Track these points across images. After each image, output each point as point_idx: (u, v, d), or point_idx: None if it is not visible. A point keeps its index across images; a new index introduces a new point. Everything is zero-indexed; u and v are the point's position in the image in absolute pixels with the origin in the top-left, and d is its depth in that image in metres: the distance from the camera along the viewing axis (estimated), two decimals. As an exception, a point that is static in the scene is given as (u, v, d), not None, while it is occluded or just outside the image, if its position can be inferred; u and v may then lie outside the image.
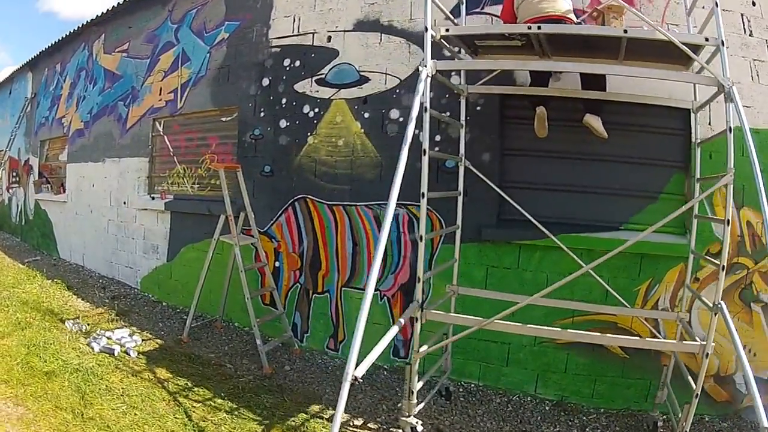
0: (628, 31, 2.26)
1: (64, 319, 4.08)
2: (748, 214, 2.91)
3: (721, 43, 2.14)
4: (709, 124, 2.91)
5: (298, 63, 3.87)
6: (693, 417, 2.28)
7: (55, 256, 7.04)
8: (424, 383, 2.60)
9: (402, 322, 2.16)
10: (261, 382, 3.15)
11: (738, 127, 2.07)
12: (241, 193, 3.73)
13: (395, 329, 2.11)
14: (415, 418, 2.41)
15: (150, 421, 2.53)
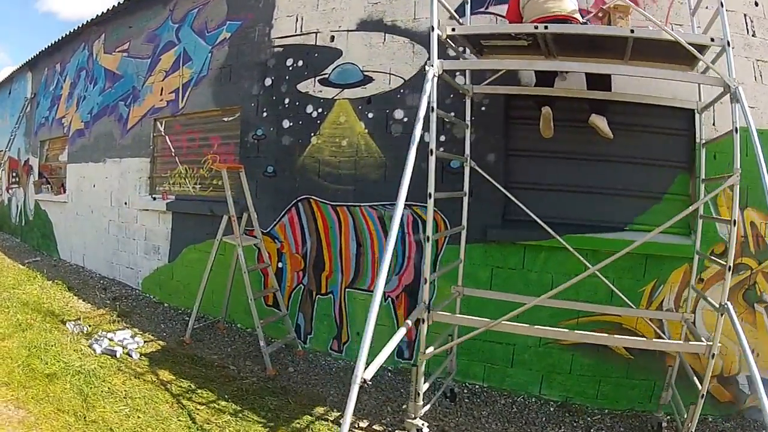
0: (635, 31, 2.25)
1: (65, 320, 4.06)
2: (751, 215, 2.91)
3: (727, 43, 2.14)
4: (713, 124, 2.91)
5: (301, 63, 3.85)
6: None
7: (55, 257, 7.01)
8: (428, 385, 2.59)
9: (409, 323, 2.15)
10: (265, 384, 3.13)
11: (744, 128, 2.07)
12: (243, 194, 3.71)
13: (403, 331, 2.09)
14: (421, 419, 2.40)
15: (153, 424, 2.51)
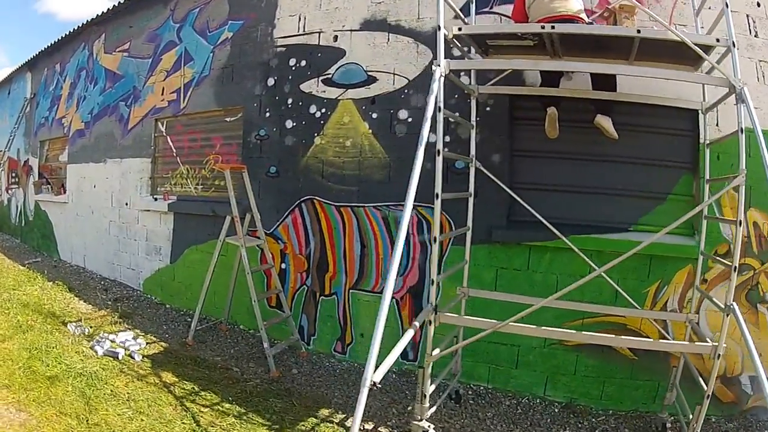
0: (642, 31, 2.25)
1: (66, 321, 4.03)
2: (754, 215, 2.91)
3: (732, 44, 2.14)
4: (716, 125, 2.91)
5: (304, 63, 3.83)
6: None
7: (55, 258, 6.99)
8: (434, 386, 2.57)
9: (417, 325, 2.14)
10: (269, 386, 3.11)
11: (749, 129, 2.06)
12: (246, 194, 3.69)
13: (411, 333, 2.08)
14: (427, 421, 2.39)
15: (157, 427, 2.49)
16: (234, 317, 4.16)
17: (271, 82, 4.01)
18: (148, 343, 3.73)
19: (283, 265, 3.92)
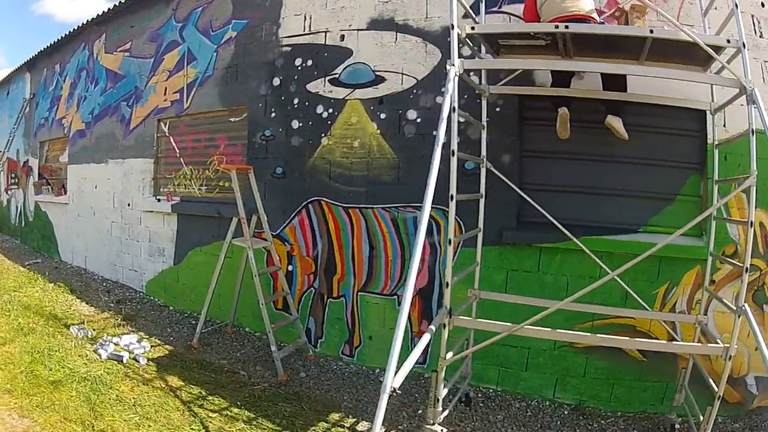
0: (654, 32, 2.23)
1: (69, 324, 3.99)
2: (760, 216, 2.91)
3: (743, 45, 2.13)
4: (724, 125, 2.90)
5: (310, 62, 3.80)
6: (701, 418, 2.28)
7: (56, 259, 6.93)
8: (447, 390, 2.55)
9: (433, 329, 2.11)
10: (277, 390, 3.08)
11: (761, 130, 2.05)
12: (252, 196, 3.65)
13: (427, 337, 2.05)
14: (440, 425, 2.36)
15: (166, 433, 2.46)
16: (239, 320, 4.12)
17: (276, 81, 3.97)
18: (152, 346, 3.68)
19: (290, 267, 3.89)
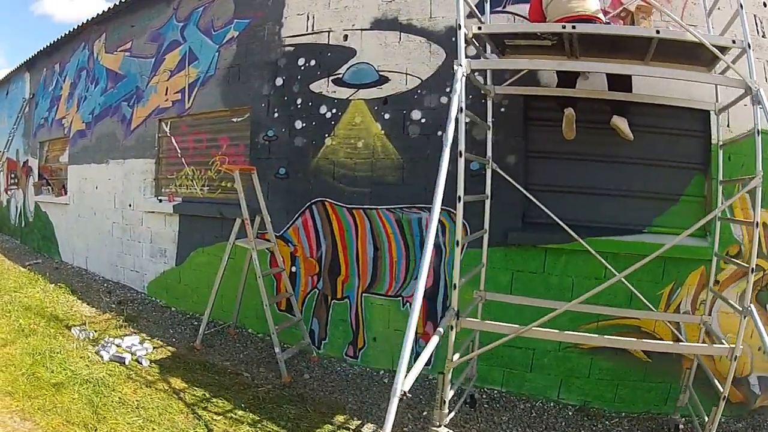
0: (661, 32, 2.23)
1: (70, 325, 3.97)
2: (764, 216, 2.89)
3: (748, 45, 2.13)
4: (728, 125, 2.89)
5: (313, 62, 3.77)
6: (707, 419, 2.28)
7: (56, 259, 6.90)
8: (453, 392, 2.54)
9: (441, 331, 2.09)
10: (281, 392, 3.06)
11: (766, 131, 2.05)
12: (255, 196, 3.63)
13: (436, 339, 2.04)
14: (446, 427, 2.35)
15: (170, 436, 2.44)
16: (242, 321, 4.09)
17: (279, 81, 3.95)
18: (155, 347, 3.66)
19: (293, 268, 3.87)
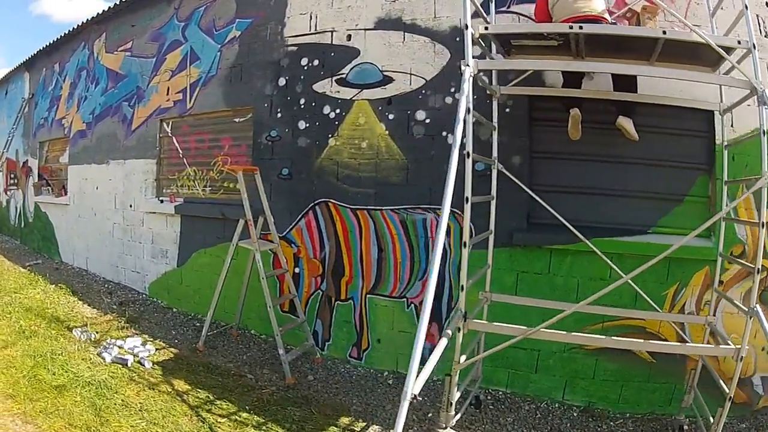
0: (667, 33, 2.22)
1: (71, 326, 3.95)
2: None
3: (753, 46, 2.12)
4: (731, 126, 2.88)
5: (316, 62, 3.76)
6: (712, 420, 2.27)
7: (57, 260, 6.87)
8: (459, 394, 2.52)
9: (450, 333, 2.08)
10: (285, 394, 3.04)
11: None
12: (258, 197, 3.61)
13: (444, 342, 2.03)
14: (452, 429, 2.34)
15: (175, 439, 2.43)
16: (244, 322, 4.08)
17: (282, 81, 3.93)
18: (157, 349, 3.64)
19: (296, 269, 3.85)
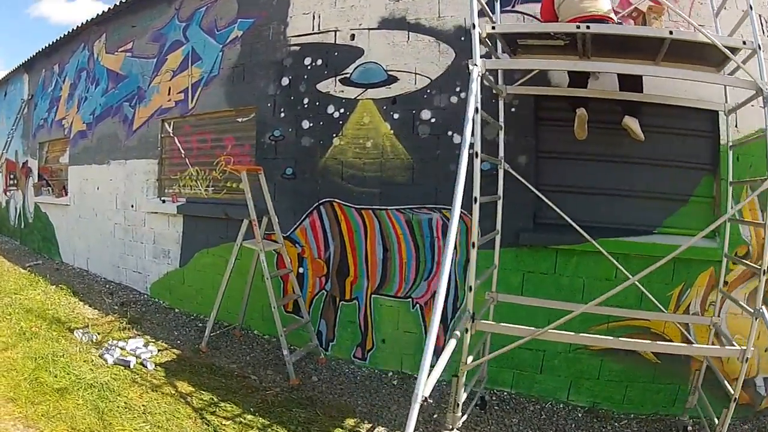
0: (674, 33, 2.22)
1: (73, 328, 3.92)
2: (774, 217, 2.89)
3: (758, 46, 2.12)
4: (735, 126, 2.88)
5: (320, 62, 3.74)
6: (716, 421, 2.26)
7: (57, 260, 6.84)
8: (466, 395, 2.51)
9: (458, 334, 2.07)
10: (290, 395, 3.02)
11: None
12: (262, 197, 3.59)
13: (453, 343, 2.01)
14: (458, 431, 2.32)
15: (179, 442, 2.41)
16: (247, 322, 4.05)
17: (285, 81, 3.91)
18: (159, 350, 3.62)
19: (300, 270, 3.83)
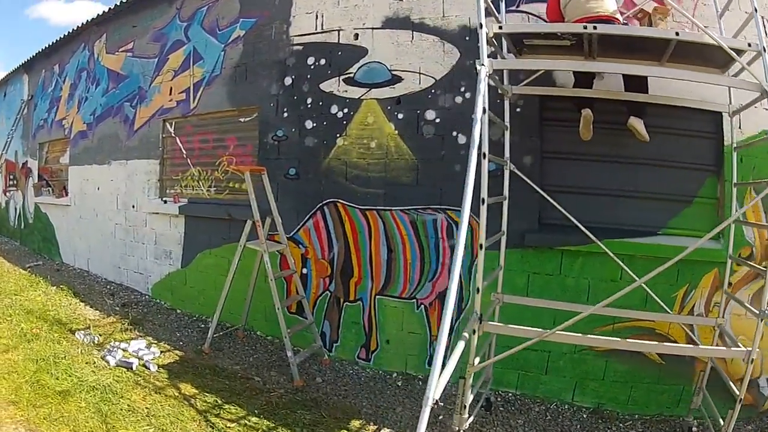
0: (680, 34, 2.21)
1: (74, 329, 3.89)
2: (777, 218, 2.89)
3: (763, 48, 2.11)
4: (739, 127, 2.88)
5: (323, 61, 3.72)
6: (721, 421, 2.26)
7: (57, 261, 6.81)
8: (472, 396, 2.50)
9: (467, 336, 2.05)
10: (294, 396, 3.01)
11: None
12: (265, 197, 3.57)
13: (462, 345, 2.00)
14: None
15: (184, 445, 2.39)
16: (250, 323, 4.04)
17: (288, 81, 3.90)
18: (162, 351, 3.59)
19: (304, 270, 3.81)
